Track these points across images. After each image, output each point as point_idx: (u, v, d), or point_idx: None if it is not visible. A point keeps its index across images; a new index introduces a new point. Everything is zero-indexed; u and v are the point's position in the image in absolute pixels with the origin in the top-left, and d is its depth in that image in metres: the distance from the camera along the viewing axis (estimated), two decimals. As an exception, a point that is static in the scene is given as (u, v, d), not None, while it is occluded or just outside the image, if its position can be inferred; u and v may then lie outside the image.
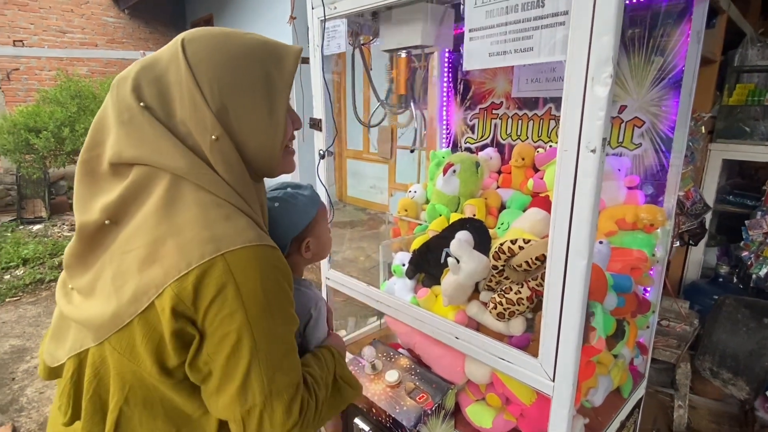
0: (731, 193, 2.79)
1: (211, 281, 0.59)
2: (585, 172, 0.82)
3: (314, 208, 0.94)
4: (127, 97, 0.64)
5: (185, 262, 0.59)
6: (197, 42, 0.66)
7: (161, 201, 0.63)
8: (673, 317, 2.22)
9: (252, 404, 0.63)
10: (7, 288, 3.80)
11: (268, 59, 0.68)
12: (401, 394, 1.24)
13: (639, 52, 1.39)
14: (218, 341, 0.61)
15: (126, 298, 0.61)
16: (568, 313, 0.89)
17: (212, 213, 0.63)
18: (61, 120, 4.84)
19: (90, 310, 0.64)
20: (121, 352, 0.62)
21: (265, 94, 0.68)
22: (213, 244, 0.60)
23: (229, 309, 0.60)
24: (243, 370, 0.62)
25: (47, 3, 6.68)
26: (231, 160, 0.67)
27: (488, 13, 0.95)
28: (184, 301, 0.59)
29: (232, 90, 0.65)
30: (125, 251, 0.63)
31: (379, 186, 5.90)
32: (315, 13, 1.36)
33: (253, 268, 0.62)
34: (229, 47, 0.66)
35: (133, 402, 0.64)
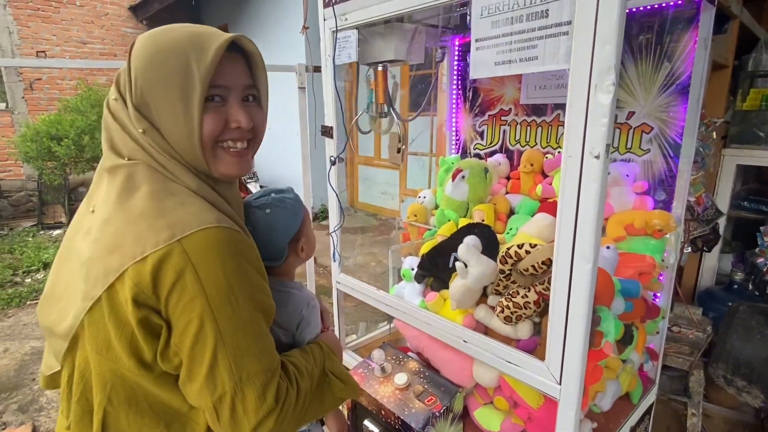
0: (746, 198, 2.75)
1: (168, 268, 0.59)
2: (589, 178, 0.84)
3: (301, 209, 0.96)
4: (110, 91, 0.71)
5: (140, 248, 0.59)
6: (141, 39, 0.67)
7: (121, 190, 0.65)
8: (685, 324, 2.20)
9: (222, 392, 0.61)
10: (28, 291, 3.90)
11: (191, 50, 0.65)
12: (410, 396, 1.25)
13: (647, 59, 1.40)
14: (183, 329, 0.60)
15: (90, 285, 0.62)
16: (574, 316, 0.90)
17: (167, 201, 0.64)
18: (82, 128, 4.98)
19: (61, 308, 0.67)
20: (98, 351, 0.63)
21: (180, 86, 0.65)
22: (168, 230, 0.60)
23: (189, 295, 0.59)
24: (209, 357, 0.61)
25: (69, 15, 6.89)
26: (162, 149, 0.68)
27: (494, 23, 0.98)
28: (143, 290, 0.59)
29: (151, 84, 0.66)
30: (92, 241, 0.64)
31: (390, 192, 5.94)
32: (327, 24, 1.40)
33: (211, 251, 0.61)
34: (158, 41, 0.66)
35: (116, 401, 0.64)
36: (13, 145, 5.30)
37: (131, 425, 0.65)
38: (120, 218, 0.63)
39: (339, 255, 1.61)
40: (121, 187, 0.65)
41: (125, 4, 7.39)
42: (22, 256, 4.64)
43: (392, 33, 1.37)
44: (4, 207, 6.30)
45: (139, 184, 0.65)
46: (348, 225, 5.62)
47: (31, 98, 6.68)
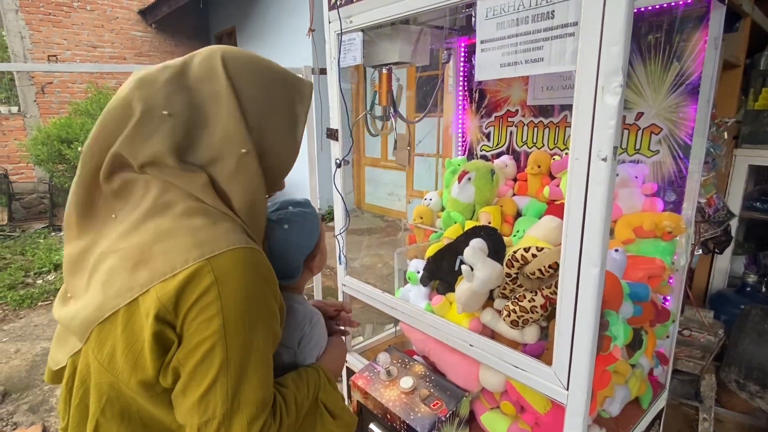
0: (759, 199, 2.71)
1: (194, 286, 0.59)
2: (596, 181, 0.82)
3: (318, 224, 0.95)
4: (152, 101, 0.65)
5: (169, 266, 0.60)
6: (237, 61, 0.70)
7: (151, 206, 0.65)
8: (697, 327, 2.16)
9: (211, 416, 0.61)
10: (40, 292, 3.96)
11: (293, 88, 0.75)
12: (416, 400, 1.24)
13: (656, 59, 1.38)
14: (193, 346, 0.60)
15: (111, 293, 0.62)
16: (582, 321, 0.89)
17: (198, 220, 0.64)
18: (92, 131, 5.05)
19: (74, 309, 0.66)
20: (100, 362, 0.63)
21: (290, 116, 0.74)
22: (198, 249, 0.61)
23: (207, 315, 0.60)
24: (209, 380, 0.61)
25: (79, 20, 6.99)
26: (254, 173, 0.69)
27: (499, 24, 0.97)
28: (166, 306, 0.59)
29: (267, 109, 0.70)
30: (114, 251, 0.64)
31: (397, 193, 5.93)
32: (332, 27, 1.40)
33: (237, 272, 0.62)
34: (266, 70, 0.72)
35: (109, 414, 0.64)
36: (24, 148, 5.38)
37: None
38: (148, 232, 0.63)
39: (345, 257, 1.61)
40: (154, 200, 0.65)
41: (134, 8, 7.47)
42: (34, 257, 4.70)
43: (397, 35, 1.37)
44: (16, 209, 6.40)
45: (173, 200, 0.65)
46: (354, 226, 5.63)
47: (42, 102, 6.78)
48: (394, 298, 1.42)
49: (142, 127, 0.65)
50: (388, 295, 1.43)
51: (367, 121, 1.55)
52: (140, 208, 0.65)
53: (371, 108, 1.51)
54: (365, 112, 1.52)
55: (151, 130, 0.65)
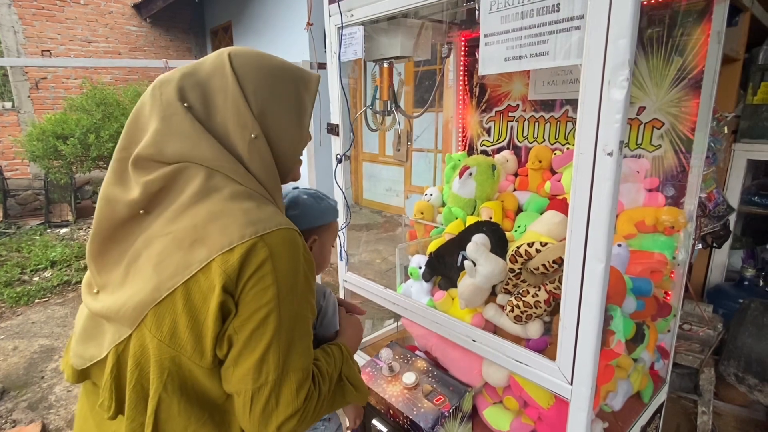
0: (757, 194, 2.72)
1: (252, 258, 0.64)
2: (602, 176, 0.82)
3: (332, 217, 1.01)
4: (171, 98, 0.71)
5: (227, 240, 0.64)
6: (243, 57, 0.76)
7: (199, 190, 0.68)
8: (696, 321, 2.18)
9: (264, 381, 0.66)
10: (36, 289, 3.93)
11: (299, 80, 0.80)
12: (418, 396, 1.25)
13: (658, 53, 1.37)
14: (249, 315, 0.65)
15: (167, 274, 0.65)
16: (586, 316, 0.89)
17: (246, 202, 0.69)
18: (87, 127, 4.99)
19: (123, 297, 0.67)
20: (160, 339, 0.65)
21: (295, 106, 0.79)
22: (252, 226, 0.66)
23: (264, 285, 0.65)
24: (263, 346, 0.66)
25: (73, 14, 6.90)
26: (266, 157, 0.75)
27: (503, 18, 0.96)
28: (230, 277, 0.64)
29: (270, 99, 0.76)
30: (163, 234, 0.67)
31: (395, 189, 5.92)
32: (332, 21, 1.39)
33: (286, 249, 0.68)
34: (269, 65, 0.77)
35: (171, 389, 0.67)
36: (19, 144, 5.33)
37: (181, 413, 0.68)
38: (200, 214, 0.67)
39: (346, 253, 1.61)
40: (200, 185, 0.69)
41: (128, 2, 7.39)
42: (30, 254, 4.67)
43: (398, 29, 1.36)
44: (11, 206, 6.35)
45: (219, 185, 0.70)
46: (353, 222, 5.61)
47: (36, 97, 6.71)
48: (396, 294, 1.41)
49: (169, 119, 0.70)
50: (390, 291, 1.43)
51: (367, 116, 1.54)
52: (186, 194, 0.68)
53: (372, 103, 1.50)
54: (366, 107, 1.51)
55: (178, 122, 0.70)
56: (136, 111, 0.74)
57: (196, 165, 0.70)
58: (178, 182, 0.70)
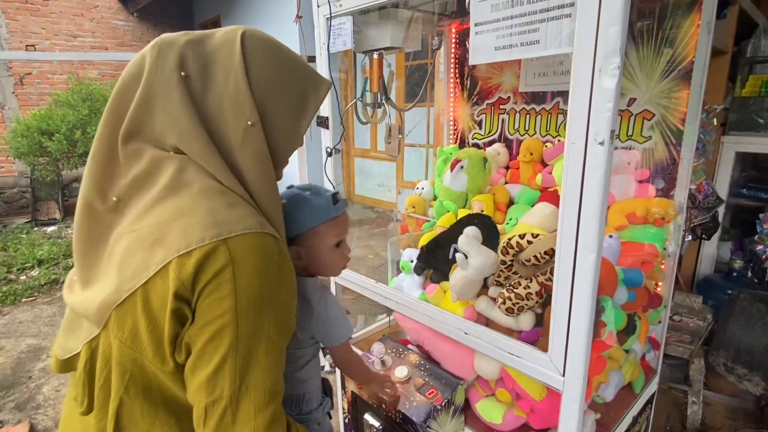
0: (745, 186, 2.75)
1: (211, 264, 0.60)
2: (593, 165, 0.81)
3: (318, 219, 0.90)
4: (170, 63, 0.67)
5: (185, 242, 0.60)
6: (257, 39, 0.72)
7: (168, 184, 0.65)
8: (686, 312, 2.20)
9: (218, 396, 0.61)
10: (23, 288, 3.87)
11: (309, 80, 0.77)
12: (411, 390, 1.24)
13: (648, 44, 1.37)
14: (203, 324, 0.61)
15: (127, 274, 0.62)
16: (578, 307, 0.89)
17: (216, 200, 0.64)
18: (73, 123, 4.92)
19: (92, 295, 0.65)
20: (122, 341, 0.62)
21: (298, 103, 0.75)
22: (215, 228, 0.61)
23: (221, 294, 0.60)
24: (218, 359, 0.61)
25: (58, 8, 6.77)
26: (261, 147, 0.70)
27: (493, 6, 0.95)
28: (184, 283, 0.60)
29: (274, 88, 0.71)
30: (130, 231, 0.65)
31: (387, 184, 5.91)
32: (321, 11, 1.36)
33: (252, 256, 0.62)
34: (282, 55, 0.74)
35: (133, 391, 0.64)
36: (4, 141, 5.23)
37: (144, 417, 0.65)
38: (166, 211, 0.63)
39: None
40: (171, 179, 0.65)
41: (115, -4, 7.27)
42: (17, 253, 4.60)
43: (388, 20, 1.34)
44: (-3, 204, 6.25)
45: (190, 180, 0.65)
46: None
47: (21, 93, 6.59)
48: (388, 288, 1.40)
49: (161, 85, 0.66)
50: (381, 285, 1.42)
51: (357, 108, 1.52)
52: (157, 186, 0.65)
53: (362, 95, 1.49)
54: (355, 99, 1.49)
55: (166, 91, 0.66)
56: (130, 68, 0.69)
57: (172, 154, 0.66)
58: (151, 175, 0.66)
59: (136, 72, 0.68)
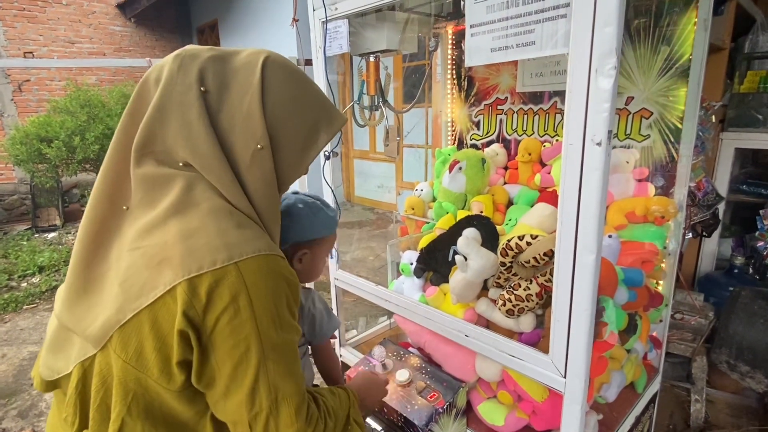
0: (745, 182, 2.74)
1: (224, 290, 0.60)
2: (591, 166, 0.81)
3: (327, 231, 0.98)
4: (191, 76, 0.67)
5: (196, 265, 0.60)
6: (279, 66, 0.73)
7: (176, 202, 0.64)
8: (688, 310, 2.19)
9: (259, 409, 0.64)
10: (24, 295, 3.87)
11: (323, 113, 0.77)
12: (412, 393, 1.23)
13: (645, 42, 1.36)
14: (228, 349, 0.62)
15: (132, 293, 0.61)
16: (578, 308, 0.88)
17: (224, 221, 0.64)
18: (72, 129, 4.91)
19: (91, 314, 0.64)
20: (126, 360, 0.62)
21: (308, 134, 0.75)
22: (226, 251, 0.61)
23: (240, 318, 0.61)
24: (251, 379, 0.63)
25: (55, 15, 6.78)
26: (268, 171, 0.71)
27: (489, 8, 0.94)
28: (194, 306, 0.60)
29: (287, 115, 0.72)
30: (134, 248, 0.64)
31: (387, 185, 5.91)
32: (316, 15, 1.36)
33: (263, 278, 0.63)
34: (300, 85, 0.75)
35: (135, 412, 0.64)
36: (2, 148, 5.23)
37: None
38: (173, 230, 0.63)
39: (336, 252, 1.59)
40: (178, 197, 0.65)
41: (112, 2, 7.28)
42: (17, 260, 4.59)
43: (383, 22, 1.34)
44: (-3, 211, 6.25)
45: (199, 199, 0.65)
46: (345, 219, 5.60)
47: (20, 100, 6.59)
48: (388, 291, 1.40)
49: (179, 96, 0.66)
50: (382, 288, 1.41)
51: (354, 111, 1.52)
52: (163, 204, 0.65)
53: (359, 98, 1.48)
54: (353, 102, 1.49)
55: (184, 103, 0.66)
56: (151, 73, 0.69)
57: (182, 169, 0.66)
58: (160, 188, 0.66)
59: (156, 77, 0.69)
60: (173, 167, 0.67)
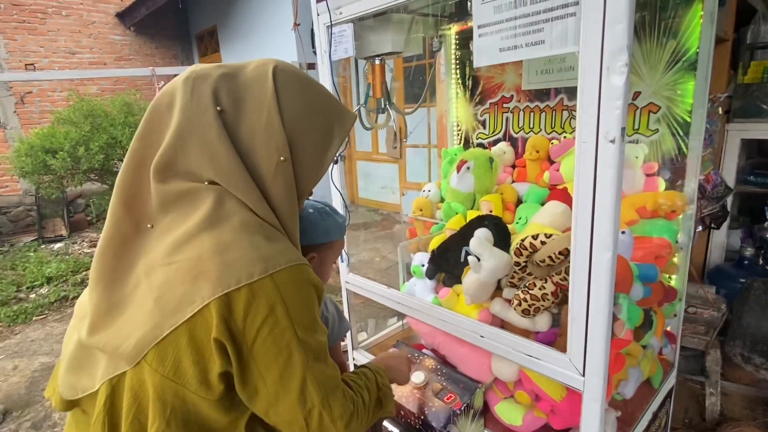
0: (752, 173, 2.72)
1: (262, 301, 0.62)
2: (605, 164, 0.81)
3: (336, 236, 1.00)
4: (205, 98, 0.68)
5: (234, 278, 0.61)
6: (288, 75, 0.74)
7: (208, 217, 0.65)
8: (700, 303, 2.18)
9: (311, 405, 0.68)
10: (34, 307, 3.89)
11: (335, 113, 0.79)
12: (428, 395, 1.23)
13: (651, 37, 1.36)
14: (272, 357, 0.64)
15: (169, 309, 0.61)
16: (596, 306, 0.88)
17: (256, 234, 0.66)
18: (76, 140, 4.93)
19: (123, 332, 0.64)
20: (163, 374, 0.62)
21: (324, 137, 0.77)
22: (261, 264, 0.63)
23: (280, 327, 0.64)
24: (299, 381, 0.67)
25: (55, 26, 6.81)
26: (290, 180, 0.72)
27: (496, 8, 0.94)
28: (234, 318, 0.61)
29: (304, 123, 0.73)
30: (166, 264, 0.64)
31: (391, 186, 5.90)
32: (321, 20, 1.37)
33: (296, 287, 0.66)
34: (312, 90, 0.76)
35: (174, 425, 0.64)
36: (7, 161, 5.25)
37: None
38: (205, 244, 0.63)
39: (347, 255, 1.59)
40: (210, 211, 0.65)
41: (111, 11, 7.31)
42: (25, 271, 4.62)
43: (388, 25, 1.33)
44: (3, 223, 6.28)
45: (230, 212, 0.66)
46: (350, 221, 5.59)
47: (23, 112, 6.62)
48: (400, 294, 1.40)
49: (198, 119, 0.67)
50: (394, 291, 1.41)
51: (361, 114, 1.52)
52: (195, 218, 0.65)
53: (365, 101, 1.48)
54: (360, 105, 1.49)
55: (204, 125, 0.67)
56: (162, 98, 0.70)
57: (208, 185, 0.67)
58: (188, 204, 0.66)
59: (168, 102, 0.69)
60: (200, 183, 0.68)
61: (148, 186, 0.69)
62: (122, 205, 0.69)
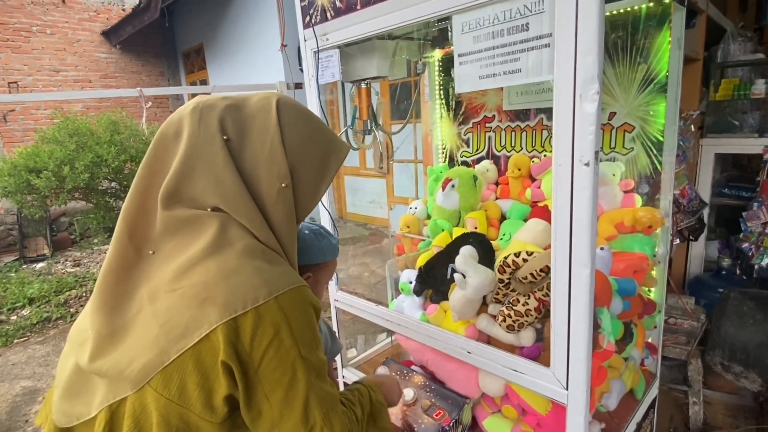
0: (726, 185, 2.82)
1: (267, 325, 0.64)
2: (581, 185, 0.85)
3: (330, 256, 1.04)
4: (212, 128, 0.71)
5: (241, 303, 0.63)
6: (290, 107, 0.78)
7: (212, 243, 0.67)
8: (680, 314, 2.24)
9: (314, 423, 0.69)
10: (15, 329, 3.79)
11: (330, 144, 0.83)
12: (418, 412, 1.25)
13: (623, 59, 1.43)
14: (277, 378, 0.66)
15: (175, 335, 0.63)
16: (576, 321, 0.91)
17: (258, 259, 0.69)
18: (61, 159, 4.87)
19: (126, 357, 0.64)
20: (168, 398, 0.63)
21: (321, 166, 0.81)
22: (266, 288, 0.65)
23: (285, 347, 0.66)
24: (302, 400, 0.68)
25: (40, 44, 6.79)
26: (290, 207, 0.76)
27: (475, 38, 0.99)
28: (242, 342, 0.63)
29: (304, 152, 0.77)
30: (171, 290, 0.65)
31: (378, 200, 5.94)
32: (308, 45, 1.41)
33: (299, 308, 0.69)
34: (311, 122, 0.80)
35: None
36: (-11, 181, 5.17)
37: None
38: (210, 270, 0.65)
39: (336, 275, 1.61)
40: (214, 237, 0.68)
41: (97, 29, 7.31)
42: (6, 292, 4.51)
43: (373, 50, 1.38)
44: (-17, 243, 6.14)
45: (233, 239, 0.69)
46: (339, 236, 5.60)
47: (5, 130, 6.54)
48: (389, 311, 1.42)
49: (205, 147, 0.70)
50: (382, 308, 1.44)
51: (348, 135, 1.56)
52: (199, 244, 0.67)
53: (352, 123, 1.52)
54: (347, 127, 1.53)
55: (211, 154, 0.70)
56: (169, 127, 0.73)
57: (211, 212, 0.70)
58: (192, 230, 0.69)
59: (175, 131, 0.72)
60: (204, 210, 0.70)
61: (151, 212, 0.71)
62: (125, 231, 0.71)
